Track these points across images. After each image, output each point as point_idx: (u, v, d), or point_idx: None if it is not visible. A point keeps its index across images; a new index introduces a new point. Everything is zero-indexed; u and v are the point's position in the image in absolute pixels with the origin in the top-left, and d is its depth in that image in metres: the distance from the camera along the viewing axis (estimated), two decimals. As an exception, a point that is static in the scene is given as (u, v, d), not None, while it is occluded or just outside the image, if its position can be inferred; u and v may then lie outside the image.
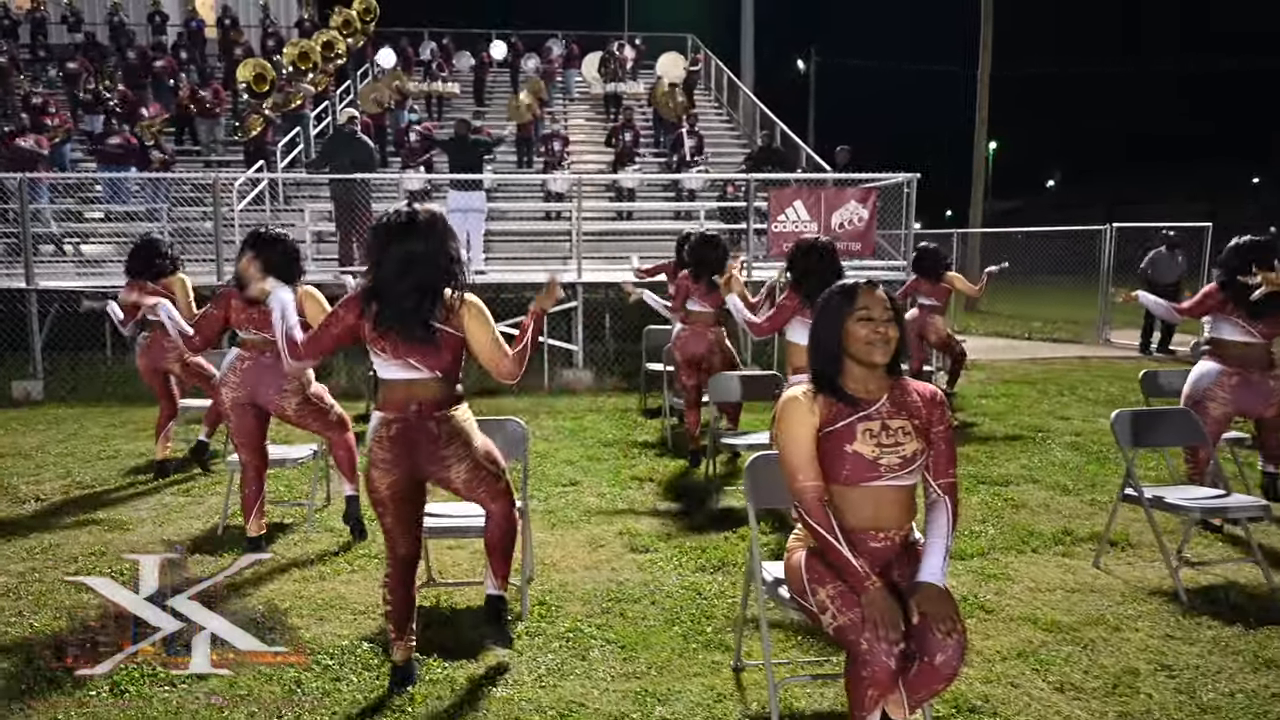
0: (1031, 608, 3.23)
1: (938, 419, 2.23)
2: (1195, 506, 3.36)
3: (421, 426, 2.57)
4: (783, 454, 2.22)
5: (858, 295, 2.20)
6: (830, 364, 2.22)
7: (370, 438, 2.59)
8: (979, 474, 5.26)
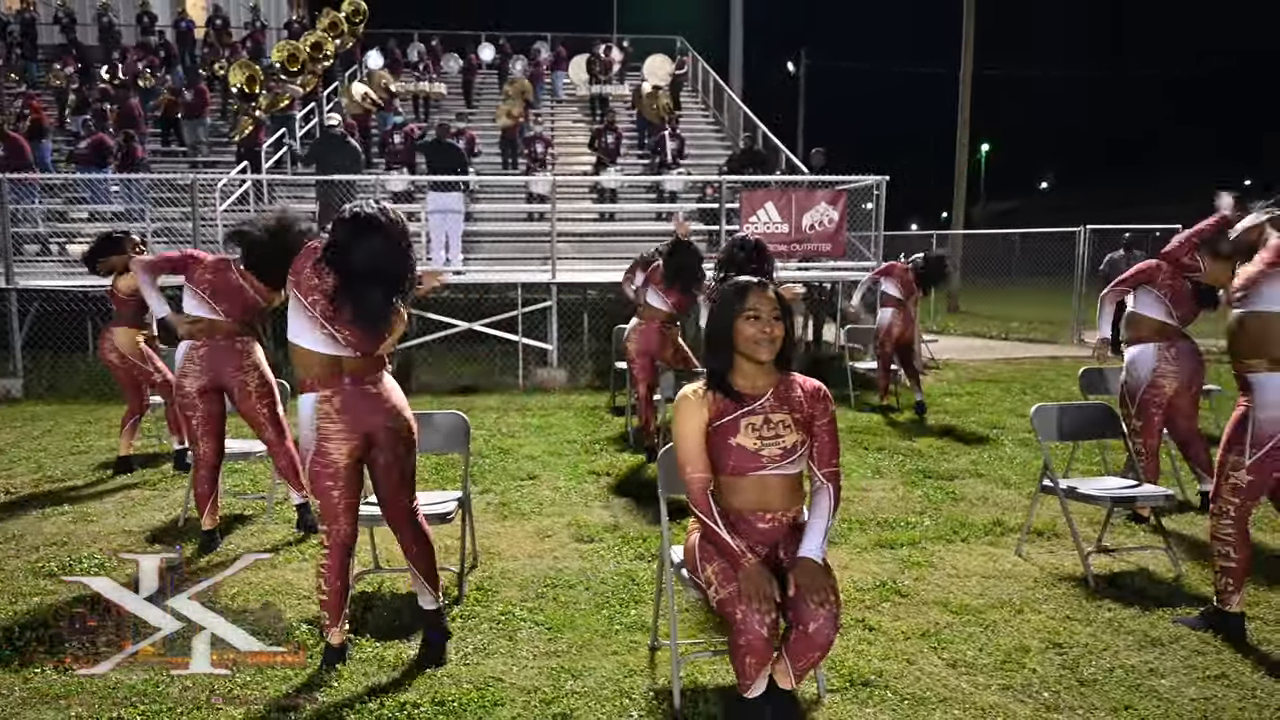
0: (946, 592, 3.39)
1: (820, 413, 2.38)
2: (1105, 496, 3.52)
3: (359, 393, 2.68)
4: (675, 447, 2.38)
5: (748, 295, 2.35)
6: (722, 359, 2.37)
7: (314, 418, 2.64)
8: (927, 469, 5.41)
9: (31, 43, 17.89)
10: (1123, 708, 2.48)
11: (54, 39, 18.53)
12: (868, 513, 4.51)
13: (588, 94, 16.96)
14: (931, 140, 38.71)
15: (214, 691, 2.57)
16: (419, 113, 16.49)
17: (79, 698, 2.53)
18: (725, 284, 2.44)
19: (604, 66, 17.03)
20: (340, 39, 16.02)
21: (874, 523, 4.34)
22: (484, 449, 5.90)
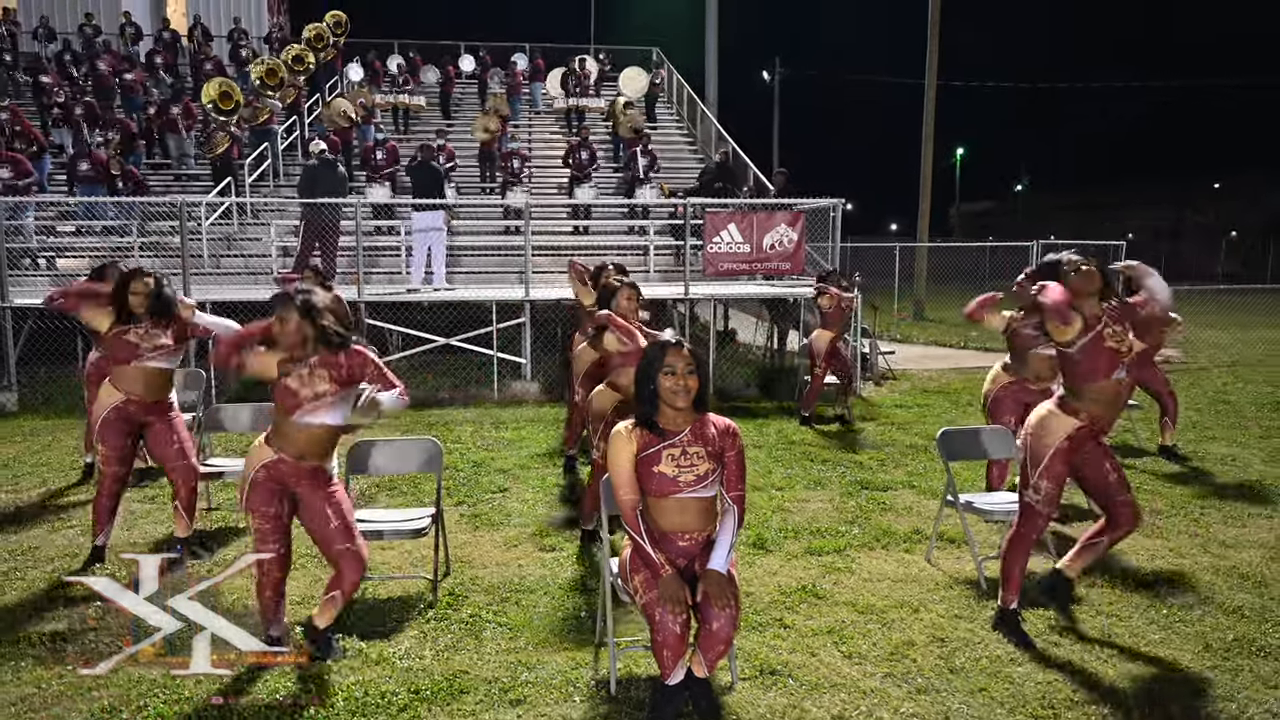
0: (857, 594, 3.91)
1: (729, 446, 2.88)
2: (995, 510, 4.06)
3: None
4: (610, 474, 2.88)
5: (666, 354, 2.85)
6: (648, 405, 2.87)
7: None
8: (865, 480, 5.94)
9: (14, 54, 18.08)
10: (979, 690, 3.01)
11: (34, 49, 18.75)
12: (804, 522, 5.03)
13: (565, 107, 17.40)
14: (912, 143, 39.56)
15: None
16: (398, 125, 16.89)
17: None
18: (650, 345, 2.94)
19: (580, 79, 17.49)
20: (322, 51, 16.43)
21: (808, 532, 4.85)
22: (459, 463, 6.37)
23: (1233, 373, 10.65)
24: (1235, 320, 14.62)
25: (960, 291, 21.19)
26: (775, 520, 5.06)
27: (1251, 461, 6.43)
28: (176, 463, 4.35)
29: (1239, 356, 11.76)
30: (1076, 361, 3.44)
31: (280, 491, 3.19)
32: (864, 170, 57.54)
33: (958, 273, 17.80)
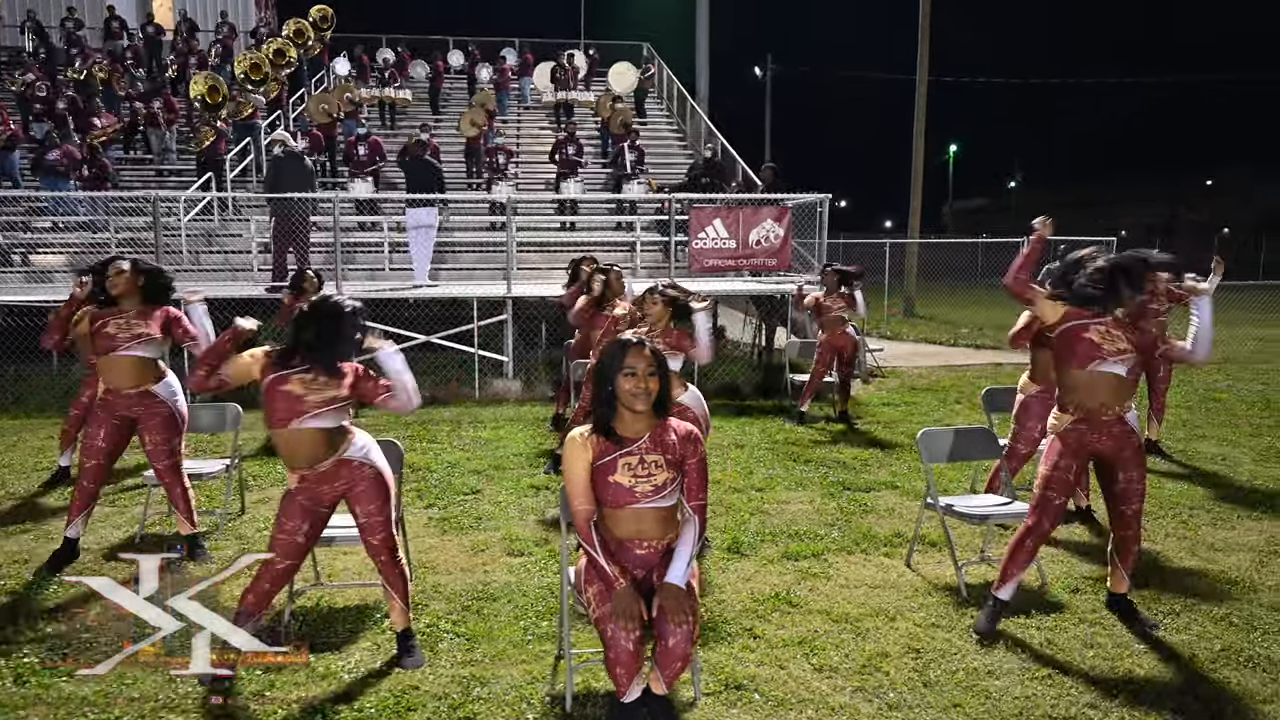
0: (832, 602, 3.77)
1: (691, 453, 2.73)
2: (975, 514, 3.91)
3: None
4: (565, 483, 2.73)
5: (626, 354, 2.69)
6: (605, 408, 2.72)
7: None
8: (847, 481, 5.80)
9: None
10: (953, 706, 2.87)
11: (16, 42, 18.51)
12: (782, 525, 4.88)
13: (553, 101, 17.22)
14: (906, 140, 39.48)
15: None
16: (385, 120, 16.70)
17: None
18: (609, 344, 2.79)
19: (569, 74, 17.31)
20: (307, 46, 16.22)
21: (785, 535, 4.71)
22: (433, 464, 6.21)
23: (1223, 370, 10.54)
24: (1226, 317, 14.46)
25: (950, 289, 21.22)
26: (753, 523, 4.92)
27: (1242, 461, 6.31)
28: (158, 464, 4.23)
29: (1230, 354, 11.66)
30: (1056, 347, 3.50)
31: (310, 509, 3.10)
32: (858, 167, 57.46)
33: (948, 269, 17.70)
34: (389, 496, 3.20)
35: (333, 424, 3.05)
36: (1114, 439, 3.43)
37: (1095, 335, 3.36)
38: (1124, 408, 3.42)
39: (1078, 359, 3.39)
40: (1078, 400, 3.42)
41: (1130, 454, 3.46)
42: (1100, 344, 3.35)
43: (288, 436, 3.02)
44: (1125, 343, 3.36)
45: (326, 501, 3.12)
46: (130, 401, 4.15)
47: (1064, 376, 3.47)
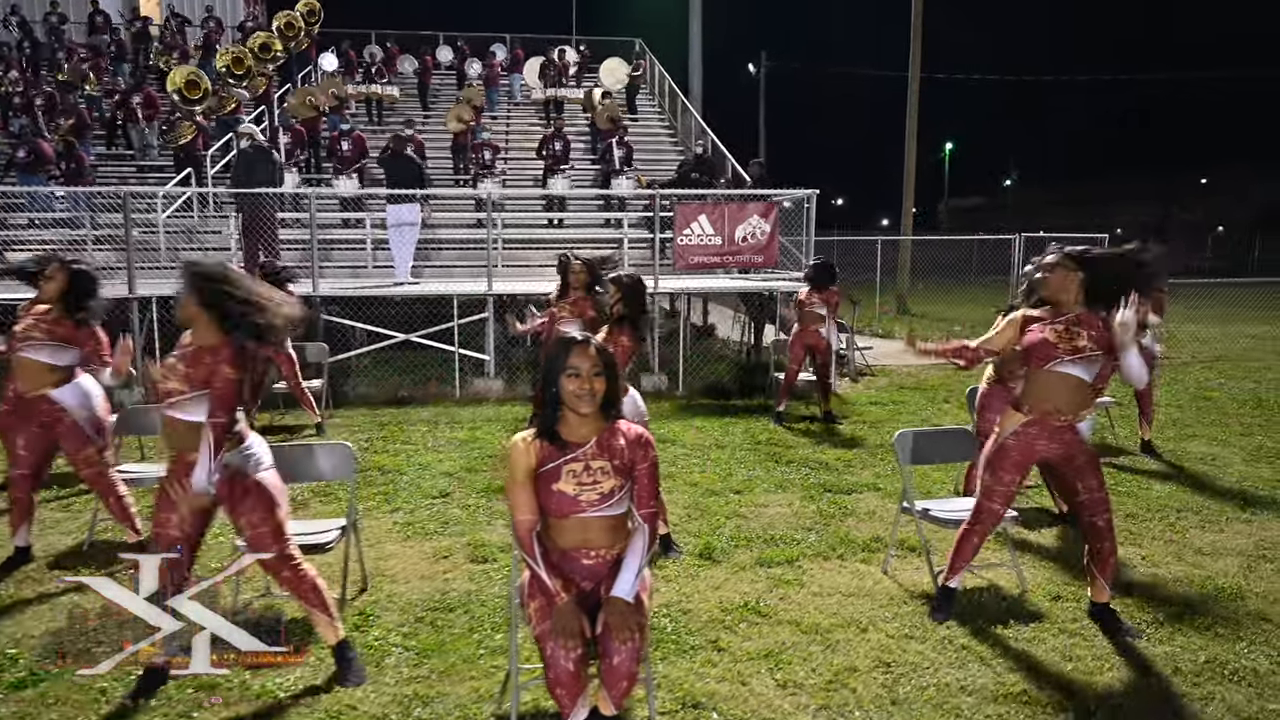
0: (804, 612, 3.61)
1: (640, 458, 2.57)
2: (951, 519, 3.76)
3: None
4: (506, 491, 2.56)
5: (570, 353, 2.53)
6: (550, 411, 2.56)
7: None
8: (828, 483, 5.64)
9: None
10: (921, 725, 2.71)
11: (0, 36, 18.28)
12: (759, 530, 4.73)
13: (543, 97, 17.05)
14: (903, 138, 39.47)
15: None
16: (372, 116, 16.51)
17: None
18: (554, 343, 2.63)
19: (559, 70, 17.13)
20: (294, 40, 16.01)
21: (761, 540, 4.55)
22: (404, 465, 6.04)
23: (1215, 368, 10.40)
24: (1219, 315, 14.40)
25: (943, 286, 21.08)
26: (729, 527, 4.76)
27: (1232, 461, 6.16)
28: (80, 472, 4.07)
29: (1222, 352, 11.52)
30: (1022, 355, 3.41)
31: None
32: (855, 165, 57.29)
33: (936, 266, 17.56)
34: (275, 506, 2.98)
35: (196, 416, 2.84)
36: (1063, 445, 3.33)
37: (1050, 334, 3.27)
38: (1079, 416, 3.29)
39: (1034, 359, 3.32)
40: (1032, 401, 3.34)
41: (1083, 463, 3.35)
42: (1056, 343, 3.26)
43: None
44: (1085, 340, 3.23)
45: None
46: (34, 406, 3.95)
47: (1026, 376, 3.41)
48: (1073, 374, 3.24)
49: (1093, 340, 3.23)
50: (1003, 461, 3.39)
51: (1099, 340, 3.23)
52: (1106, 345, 3.24)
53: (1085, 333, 3.24)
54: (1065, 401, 3.26)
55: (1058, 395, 3.26)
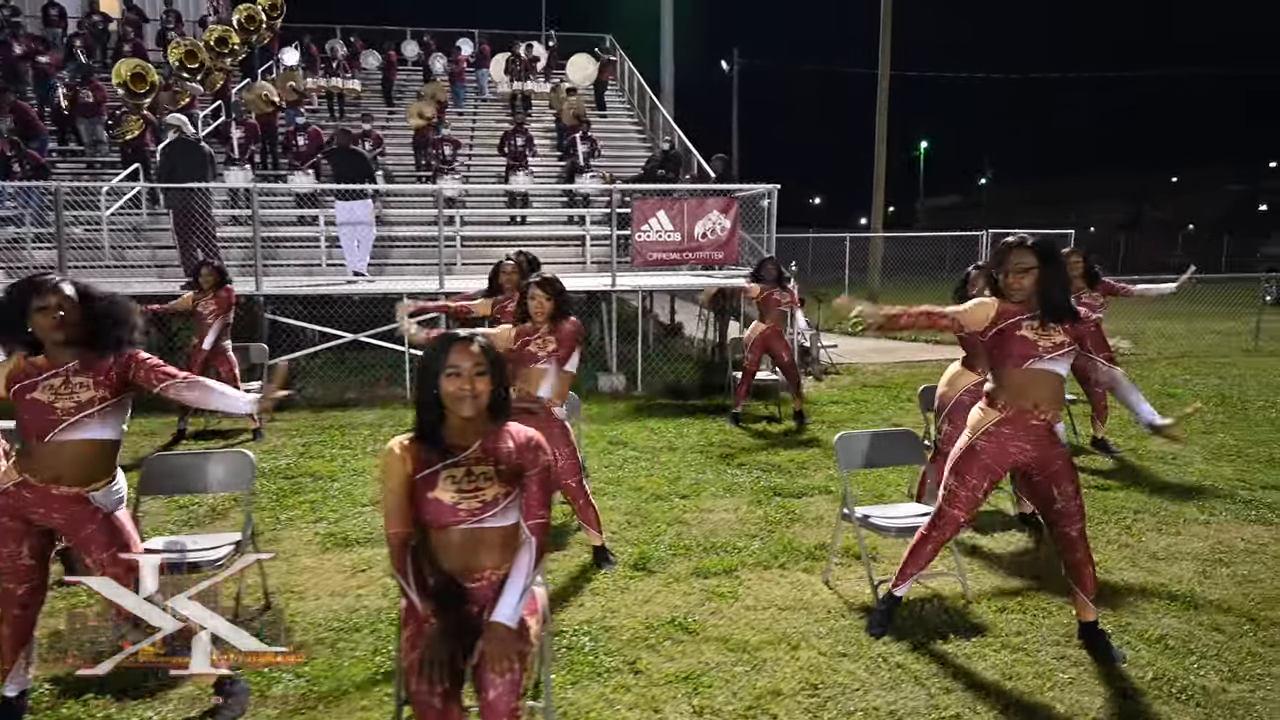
0: (734, 627, 3.38)
1: (530, 463, 2.33)
2: (891, 526, 3.55)
3: None
4: (382, 501, 2.32)
5: (449, 351, 2.29)
6: (430, 414, 2.32)
7: None
8: (779, 486, 5.43)
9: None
10: (842, 757, 2.49)
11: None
12: (700, 537, 4.50)
13: (508, 93, 16.76)
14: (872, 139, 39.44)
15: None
16: (334, 112, 16.13)
17: None
18: (435, 340, 2.40)
19: (525, 65, 16.84)
20: (254, 34, 15.61)
21: (701, 548, 4.32)
22: (338, 471, 5.77)
23: (1181, 365, 10.33)
24: (1187, 311, 14.38)
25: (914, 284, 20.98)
26: (669, 535, 4.53)
27: (1192, 460, 6.02)
28: None
29: (1188, 348, 11.46)
30: (989, 348, 3.18)
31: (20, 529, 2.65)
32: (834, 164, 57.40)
33: (906, 264, 17.45)
34: (128, 546, 2.73)
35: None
36: (1040, 449, 3.11)
37: (1029, 332, 3.06)
38: (1056, 416, 3.09)
39: (1013, 358, 3.08)
40: (1009, 398, 3.12)
41: (1061, 467, 3.13)
42: (1036, 340, 3.06)
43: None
44: (1062, 335, 3.06)
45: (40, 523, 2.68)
46: None
47: (998, 375, 3.17)
48: (1053, 370, 3.07)
49: (1068, 333, 3.08)
50: (971, 465, 3.14)
51: (1071, 333, 3.09)
52: (1077, 337, 3.10)
53: (1060, 326, 3.07)
54: (1046, 397, 3.08)
55: (1038, 392, 3.07)
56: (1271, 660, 3.05)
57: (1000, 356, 3.12)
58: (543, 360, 4.04)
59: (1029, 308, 3.08)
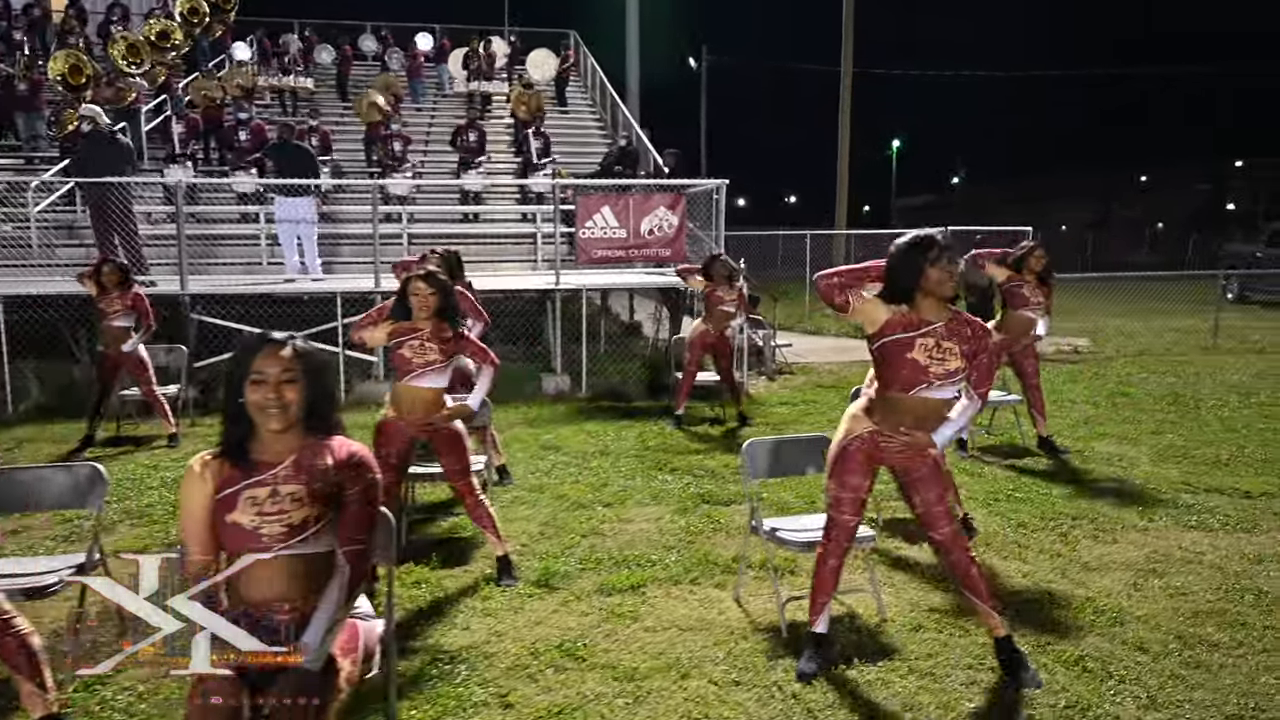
0: (625, 653, 3.12)
1: (350, 481, 2.07)
2: (799, 540, 3.30)
3: None
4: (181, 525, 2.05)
5: (254, 357, 2.03)
6: (238, 427, 2.05)
7: None
8: (708, 493, 5.18)
9: None
10: (708, 807, 2.23)
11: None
12: (615, 549, 4.23)
13: (465, 89, 16.41)
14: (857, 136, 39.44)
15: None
16: (286, 109, 15.70)
17: None
18: (241, 345, 2.13)
19: (485, 61, 16.50)
20: (198, 28, 15.15)
21: (613, 562, 4.06)
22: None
23: (1138, 363, 10.21)
24: (1146, 309, 14.34)
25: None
26: (581, 548, 4.26)
27: (1139, 461, 5.84)
28: None
29: (1146, 346, 11.36)
30: (875, 358, 2.88)
31: None
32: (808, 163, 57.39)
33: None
34: None
35: None
36: (904, 454, 2.88)
37: (921, 355, 2.75)
38: (932, 427, 2.83)
39: (900, 382, 2.80)
40: (884, 416, 2.87)
41: (925, 473, 2.90)
42: (927, 365, 2.75)
43: None
44: (958, 359, 2.76)
45: None
46: None
47: (881, 395, 2.89)
48: (941, 398, 2.80)
49: (964, 357, 2.77)
50: (847, 464, 2.92)
51: (968, 354, 2.78)
52: (974, 355, 2.80)
53: (957, 348, 2.75)
54: (926, 420, 2.82)
55: (919, 416, 2.81)
56: (1194, 684, 2.83)
57: (887, 377, 2.83)
58: (417, 371, 3.72)
59: (929, 319, 2.76)
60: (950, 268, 2.71)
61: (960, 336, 2.77)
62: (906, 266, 2.74)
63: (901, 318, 2.77)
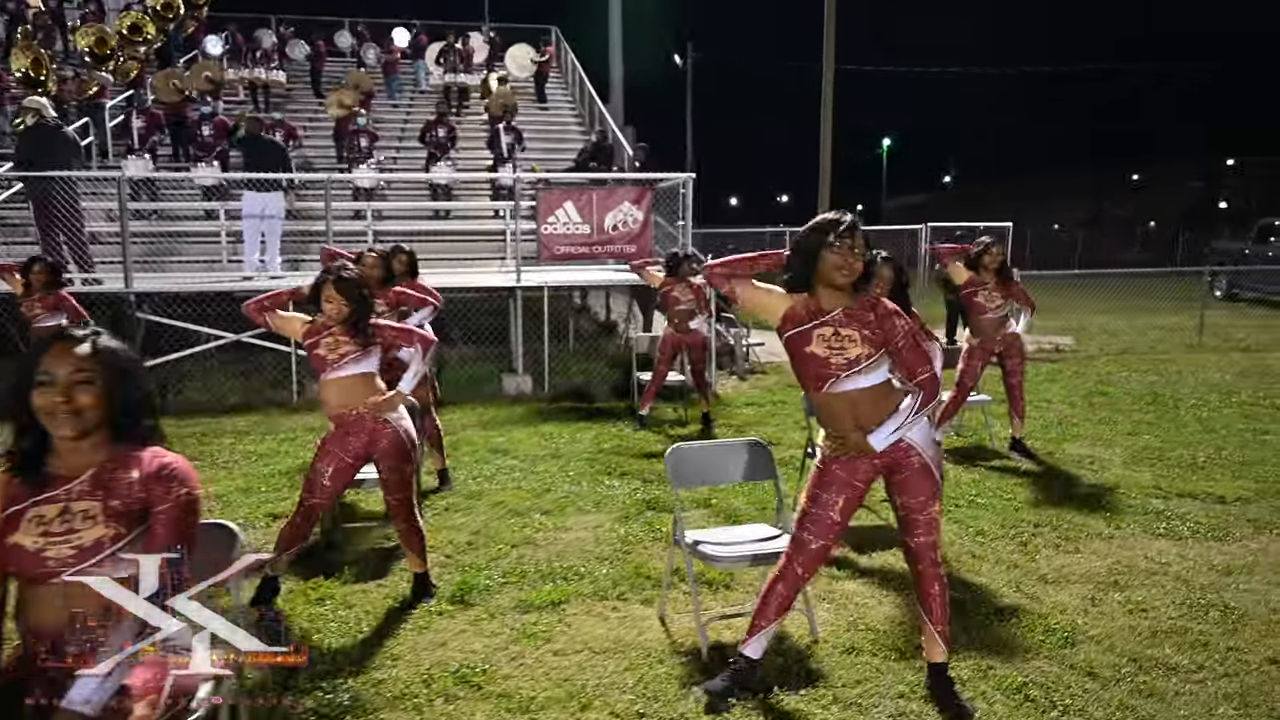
0: (527, 680, 2.85)
1: (160, 498, 1.82)
2: (723, 555, 3.03)
3: None
4: None
5: (42, 357, 1.80)
6: (29, 434, 1.80)
7: None
8: (654, 499, 4.90)
9: None
10: None
11: None
12: (544, 561, 3.96)
13: (440, 84, 16.14)
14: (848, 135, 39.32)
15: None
16: (258, 104, 15.40)
17: None
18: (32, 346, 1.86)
19: (461, 56, 16.23)
20: (170, 22, 14.86)
21: (538, 575, 3.79)
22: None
23: (1120, 361, 9.96)
24: (1131, 306, 14.12)
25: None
26: (508, 559, 3.99)
27: (1111, 463, 5.59)
28: None
29: (1130, 345, 11.12)
30: (788, 351, 2.63)
31: None
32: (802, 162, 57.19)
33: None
34: None
35: None
36: (885, 455, 2.59)
37: (819, 347, 2.51)
38: (874, 426, 2.55)
39: (810, 379, 2.58)
40: (825, 423, 2.64)
41: (911, 475, 2.61)
42: (827, 357, 2.51)
43: None
44: (860, 346, 2.50)
45: None
46: None
47: (808, 395, 2.70)
48: (859, 388, 2.53)
49: (868, 342, 2.50)
50: (821, 476, 2.63)
51: (874, 340, 2.51)
52: (884, 340, 2.52)
53: (857, 334, 2.50)
54: (864, 417, 2.55)
55: (848, 413, 2.55)
56: (1144, 716, 2.57)
57: (800, 375, 2.62)
58: (335, 364, 3.45)
59: (825, 307, 2.52)
60: (851, 252, 2.45)
61: (861, 322, 2.51)
62: (803, 251, 2.49)
63: (803, 308, 2.54)
